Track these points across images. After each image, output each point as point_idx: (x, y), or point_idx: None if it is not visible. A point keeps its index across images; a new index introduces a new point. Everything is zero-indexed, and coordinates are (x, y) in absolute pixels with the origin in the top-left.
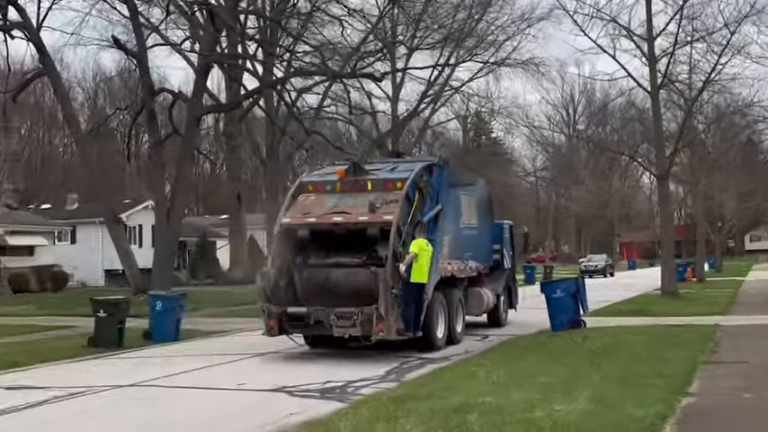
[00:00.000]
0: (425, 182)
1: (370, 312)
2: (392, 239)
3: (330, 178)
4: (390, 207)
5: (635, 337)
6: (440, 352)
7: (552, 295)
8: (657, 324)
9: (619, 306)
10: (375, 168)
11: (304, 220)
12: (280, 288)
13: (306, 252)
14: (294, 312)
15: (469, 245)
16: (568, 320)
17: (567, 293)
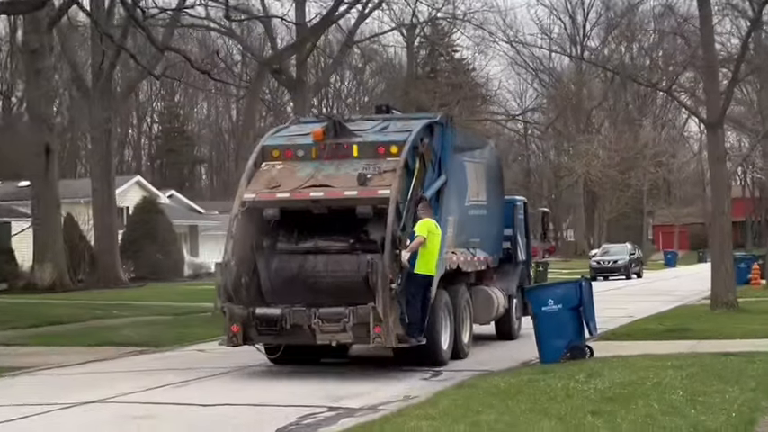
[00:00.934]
0: (427, 146)
1: (365, 313)
2: (391, 220)
3: (302, 141)
4: (386, 179)
5: (668, 373)
6: (364, 398)
7: (541, 308)
8: (703, 351)
9: (646, 324)
10: (360, 129)
11: (273, 197)
12: (243, 284)
13: (276, 236)
14: (264, 314)
15: (477, 229)
16: (566, 347)
17: (564, 305)
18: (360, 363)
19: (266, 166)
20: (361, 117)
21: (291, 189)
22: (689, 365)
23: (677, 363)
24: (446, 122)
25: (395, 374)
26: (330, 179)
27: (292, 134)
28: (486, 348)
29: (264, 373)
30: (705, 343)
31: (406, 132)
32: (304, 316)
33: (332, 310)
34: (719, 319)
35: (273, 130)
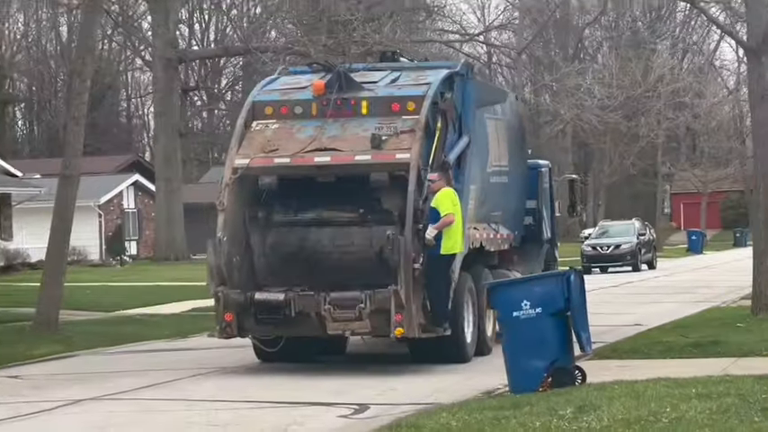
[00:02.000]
0: (449, 102)
1: (384, 298)
2: (411, 190)
3: (300, 96)
4: (404, 140)
5: (691, 405)
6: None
7: (512, 314)
8: (741, 373)
9: (661, 335)
10: (368, 81)
11: (270, 162)
12: (235, 265)
13: (271, 207)
14: (266, 300)
15: (499, 200)
16: (547, 369)
17: (545, 309)
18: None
19: (258, 126)
20: (366, 65)
21: (291, 153)
22: (722, 394)
23: (705, 391)
24: (467, 72)
25: (305, 411)
26: (336, 141)
27: (286, 87)
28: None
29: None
30: (745, 362)
31: (423, 85)
32: (312, 302)
33: (346, 294)
34: (765, 327)
35: (262, 83)
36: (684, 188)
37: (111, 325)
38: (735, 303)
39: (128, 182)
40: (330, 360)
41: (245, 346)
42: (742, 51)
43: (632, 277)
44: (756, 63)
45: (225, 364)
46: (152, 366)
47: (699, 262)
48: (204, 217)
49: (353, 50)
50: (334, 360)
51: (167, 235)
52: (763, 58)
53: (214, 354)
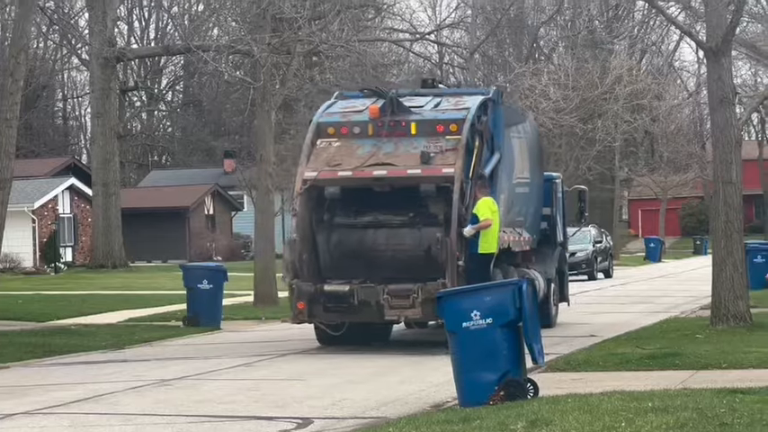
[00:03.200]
0: (484, 124)
1: (434, 289)
2: (456, 198)
3: (358, 118)
4: (448, 157)
5: (648, 419)
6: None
7: (462, 325)
8: (700, 386)
9: (617, 347)
10: (415, 105)
11: (335, 175)
12: (305, 261)
13: (335, 212)
14: (333, 291)
15: (522, 207)
16: (498, 382)
17: (495, 320)
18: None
19: (323, 144)
20: (410, 91)
21: (353, 167)
22: (679, 408)
23: (662, 404)
24: (497, 98)
25: (246, 426)
26: (391, 157)
27: (345, 110)
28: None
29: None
30: (703, 375)
31: (463, 110)
32: (373, 292)
33: (401, 286)
34: (724, 338)
35: (323, 107)
36: (643, 194)
37: (43, 336)
38: (693, 313)
39: (63, 186)
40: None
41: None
42: (702, 52)
43: (588, 286)
44: (716, 64)
45: (164, 377)
46: (87, 379)
47: (657, 270)
48: (143, 222)
49: (299, 49)
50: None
51: (105, 241)
52: (722, 59)
53: (152, 365)
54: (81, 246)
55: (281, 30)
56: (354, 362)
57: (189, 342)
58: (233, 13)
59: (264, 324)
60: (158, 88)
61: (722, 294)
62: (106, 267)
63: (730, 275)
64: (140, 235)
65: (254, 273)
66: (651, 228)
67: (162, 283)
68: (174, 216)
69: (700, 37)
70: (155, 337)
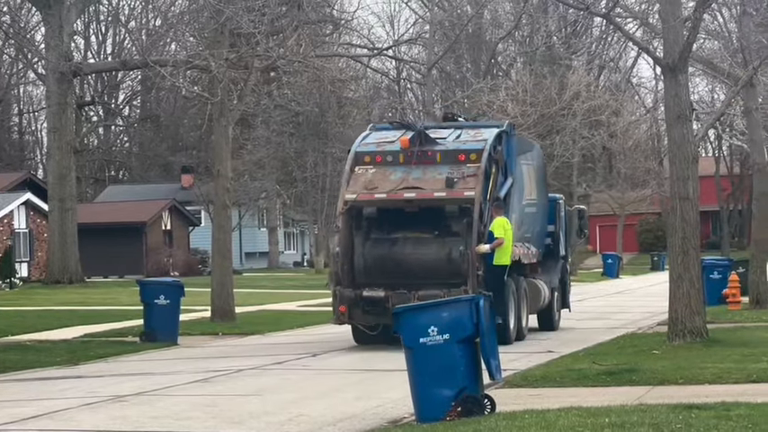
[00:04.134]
0: (499, 153)
1: (458, 294)
2: (476, 217)
3: (390, 148)
4: (469, 182)
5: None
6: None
7: (419, 340)
8: (656, 402)
9: (574, 363)
10: (439, 137)
11: (372, 197)
12: (345, 271)
13: (373, 230)
14: (370, 296)
15: (530, 225)
16: (455, 398)
17: (453, 336)
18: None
19: (360, 170)
20: (435, 125)
21: (387, 191)
22: (636, 424)
23: (618, 420)
24: (510, 131)
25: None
26: (419, 182)
27: (379, 141)
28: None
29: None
30: (659, 390)
31: (481, 141)
32: (405, 297)
33: (429, 292)
34: (681, 354)
35: (360, 138)
36: (600, 210)
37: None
38: (651, 329)
39: (19, 201)
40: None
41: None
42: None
43: None
44: (673, 81)
45: (119, 393)
46: (41, 395)
47: (614, 287)
48: (100, 238)
49: (256, 64)
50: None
51: (60, 257)
52: (679, 75)
53: (108, 381)
54: (37, 261)
55: (238, 45)
56: (310, 379)
57: (145, 358)
58: (191, 28)
59: (222, 339)
60: (115, 103)
61: (679, 310)
62: (62, 283)
63: (687, 291)
64: (97, 250)
65: (212, 288)
66: (609, 243)
67: (118, 298)
68: (130, 231)
69: (657, 53)
70: (111, 353)
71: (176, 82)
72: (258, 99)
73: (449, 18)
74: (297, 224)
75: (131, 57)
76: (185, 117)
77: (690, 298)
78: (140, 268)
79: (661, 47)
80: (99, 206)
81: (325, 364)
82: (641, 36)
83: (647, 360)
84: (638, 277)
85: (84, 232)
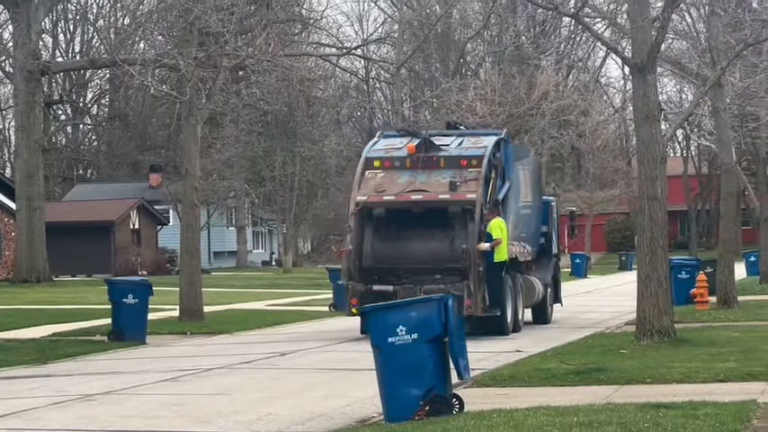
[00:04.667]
0: (498, 159)
1: (460, 289)
2: (477, 218)
3: (398, 154)
4: (470, 185)
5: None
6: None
7: (387, 340)
8: (624, 401)
9: (542, 362)
10: (443, 144)
11: (381, 199)
12: (359, 266)
13: (383, 229)
14: (380, 290)
15: (525, 225)
16: (424, 397)
17: (421, 335)
18: None
19: (370, 174)
20: (438, 132)
21: (395, 193)
22: (603, 423)
23: (586, 419)
24: (508, 138)
25: None
26: (425, 185)
27: (387, 147)
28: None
29: None
30: (627, 390)
31: (481, 147)
32: (411, 291)
33: (434, 286)
34: (649, 354)
35: (370, 144)
36: (569, 210)
37: None
38: (619, 329)
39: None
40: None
41: (105, 373)
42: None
43: None
44: (641, 81)
45: (88, 392)
46: (9, 394)
47: (582, 286)
48: (68, 237)
49: (225, 63)
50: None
51: (28, 256)
52: (648, 75)
53: (76, 380)
54: (4, 260)
55: (207, 44)
56: (279, 378)
57: (114, 357)
58: (159, 26)
59: (190, 339)
60: (84, 102)
61: (647, 310)
62: (30, 282)
63: (655, 291)
64: (65, 249)
65: (180, 287)
66: (577, 243)
67: (87, 297)
68: (99, 230)
69: (626, 53)
70: (79, 352)
71: (145, 81)
72: (227, 98)
73: (418, 18)
74: (265, 223)
75: (100, 55)
76: (154, 116)
77: (658, 298)
78: (108, 267)
79: (629, 47)
80: (67, 205)
81: (293, 363)
82: (610, 36)
83: (615, 360)
84: (605, 277)
85: (52, 231)
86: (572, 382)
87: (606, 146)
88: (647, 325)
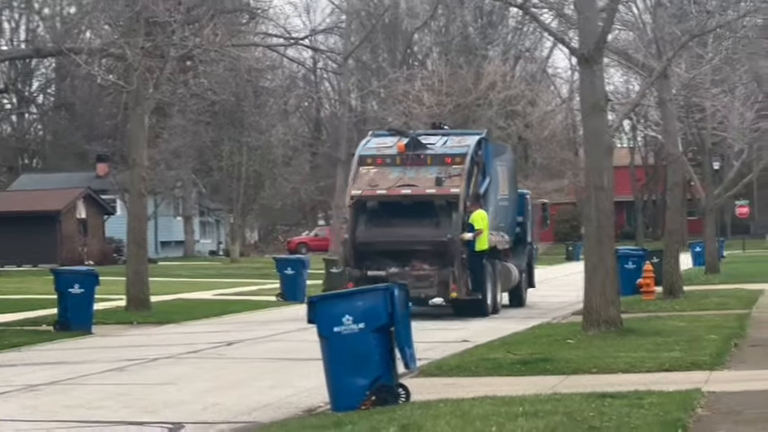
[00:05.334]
0: (480, 156)
1: (446, 274)
2: (460, 210)
3: (389, 152)
4: (454, 181)
5: (518, 424)
6: None
7: (333, 329)
8: (570, 391)
9: (489, 352)
10: (429, 143)
11: (374, 193)
12: (355, 254)
13: (376, 220)
14: (374, 275)
15: (503, 216)
16: (370, 387)
17: (368, 324)
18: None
19: (364, 170)
20: (425, 132)
21: (387, 187)
22: (549, 413)
23: (532, 409)
24: (488, 137)
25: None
26: (413, 180)
27: (378, 146)
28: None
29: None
30: (574, 379)
31: (464, 146)
32: (402, 275)
33: (422, 272)
34: (595, 343)
35: (363, 143)
36: None
37: None
38: (565, 319)
39: None
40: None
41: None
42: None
43: None
44: (588, 71)
45: (32, 382)
46: None
47: None
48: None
49: (172, 53)
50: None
51: None
52: (594, 66)
53: (20, 371)
54: None
55: (154, 33)
56: (226, 367)
57: (59, 347)
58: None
59: (137, 328)
60: (29, 91)
61: (594, 300)
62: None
63: (602, 281)
64: (10, 239)
65: (127, 277)
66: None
67: (32, 287)
68: (45, 220)
69: (573, 44)
70: (24, 342)
71: (91, 70)
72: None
73: (365, 8)
74: (213, 213)
75: (45, 44)
76: (101, 105)
77: (605, 288)
78: (54, 257)
79: (577, 37)
80: (12, 194)
81: (240, 352)
82: (557, 27)
83: (562, 349)
84: (553, 267)
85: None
86: (518, 372)
87: (553, 136)
88: (594, 315)
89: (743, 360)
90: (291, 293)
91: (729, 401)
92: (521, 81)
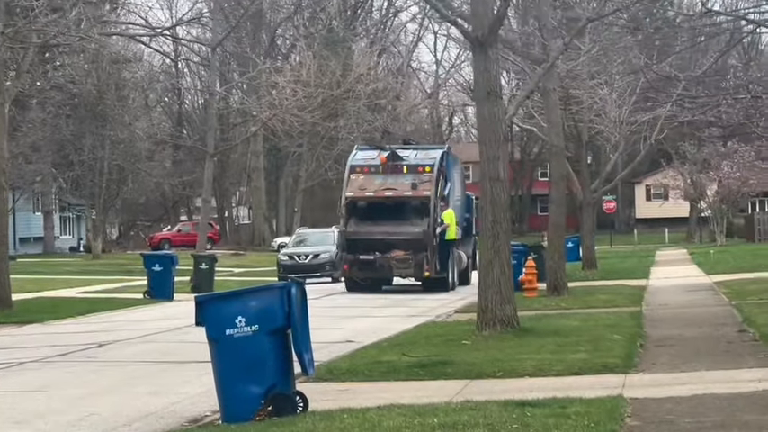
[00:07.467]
0: (444, 166)
1: (421, 258)
2: (431, 209)
3: (373, 162)
4: (426, 186)
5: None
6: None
7: (224, 332)
8: (481, 398)
9: (380, 354)
10: (405, 155)
11: (363, 194)
12: (348, 242)
13: (364, 216)
14: (365, 259)
15: (458, 213)
16: (265, 395)
17: (262, 326)
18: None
19: (354, 176)
20: (400, 147)
21: (373, 191)
22: (468, 425)
23: (449, 420)
24: (449, 151)
25: None
26: (394, 185)
27: (365, 158)
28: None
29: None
30: (478, 384)
31: (432, 158)
32: (386, 260)
33: (401, 257)
34: (493, 345)
35: (352, 155)
36: None
37: None
38: (449, 317)
39: None
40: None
41: None
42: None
43: (333, 288)
44: (482, 56)
45: None
46: None
47: None
48: None
49: (35, 40)
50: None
51: None
52: (489, 50)
53: None
54: None
55: (15, 20)
56: (98, 371)
57: None
58: None
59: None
60: None
61: (489, 298)
62: None
63: (497, 278)
64: None
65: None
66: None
67: None
68: None
69: (467, 27)
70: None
71: None
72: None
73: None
74: (73, 208)
75: None
76: None
77: (500, 285)
78: None
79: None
80: None
81: (112, 354)
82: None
83: (459, 351)
84: None
85: None
86: (417, 377)
87: (417, 130)
88: (489, 314)
89: (653, 361)
90: (160, 291)
91: (657, 409)
92: (387, 74)
